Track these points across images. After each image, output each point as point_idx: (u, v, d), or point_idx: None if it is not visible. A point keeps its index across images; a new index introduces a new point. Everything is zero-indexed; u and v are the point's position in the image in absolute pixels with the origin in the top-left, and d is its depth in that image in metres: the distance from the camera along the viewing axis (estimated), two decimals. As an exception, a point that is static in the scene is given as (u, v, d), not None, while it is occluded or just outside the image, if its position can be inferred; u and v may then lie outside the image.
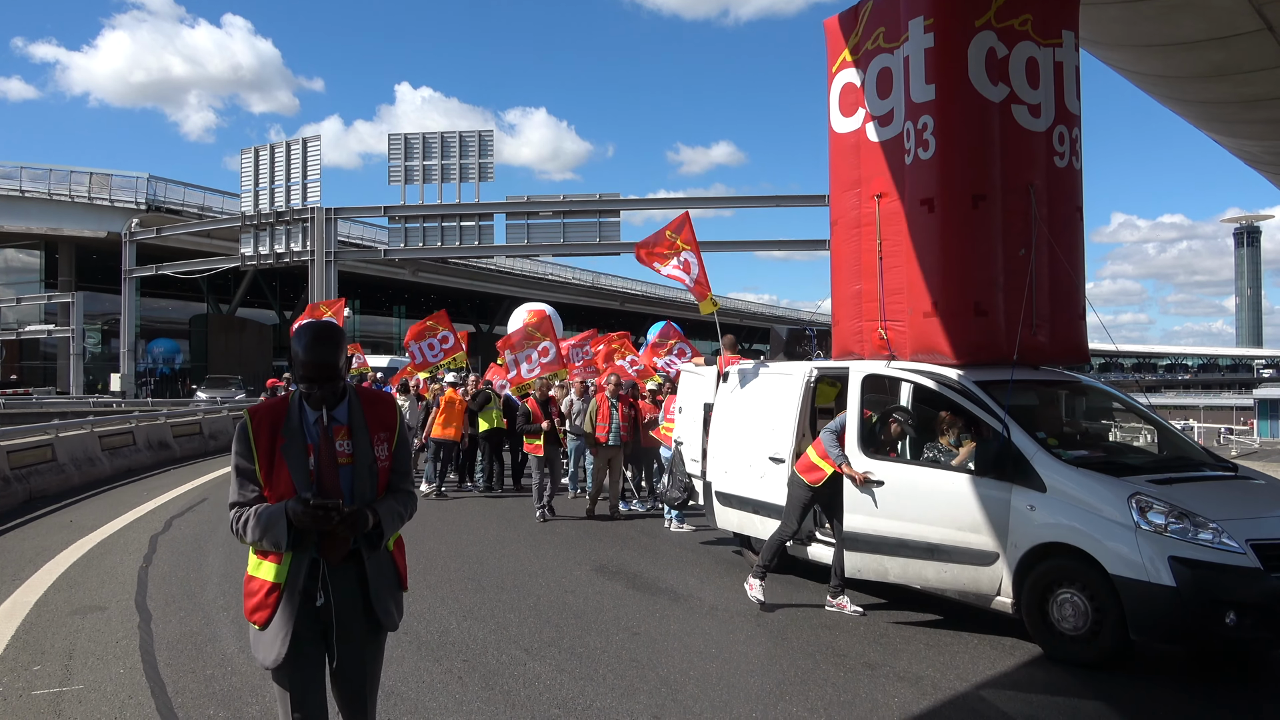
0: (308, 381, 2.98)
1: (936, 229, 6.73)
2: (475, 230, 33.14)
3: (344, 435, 3.04)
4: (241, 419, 3.03)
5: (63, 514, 11.71)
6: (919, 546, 6.32)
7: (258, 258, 35.67)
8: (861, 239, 7.50)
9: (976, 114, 6.65)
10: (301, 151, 34.19)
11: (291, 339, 3.01)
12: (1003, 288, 6.65)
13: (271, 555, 2.97)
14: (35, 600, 7.16)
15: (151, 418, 19.46)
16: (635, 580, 7.98)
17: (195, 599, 7.20)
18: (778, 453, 7.62)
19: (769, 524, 7.51)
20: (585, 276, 62.50)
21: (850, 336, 7.66)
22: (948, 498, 6.25)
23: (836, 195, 7.92)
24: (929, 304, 6.75)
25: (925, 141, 6.73)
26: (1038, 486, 5.84)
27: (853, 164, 7.64)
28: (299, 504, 2.83)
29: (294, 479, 2.93)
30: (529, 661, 5.67)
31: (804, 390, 7.68)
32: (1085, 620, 5.55)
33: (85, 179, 41.50)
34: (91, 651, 5.83)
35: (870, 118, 7.44)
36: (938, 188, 6.71)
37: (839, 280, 7.85)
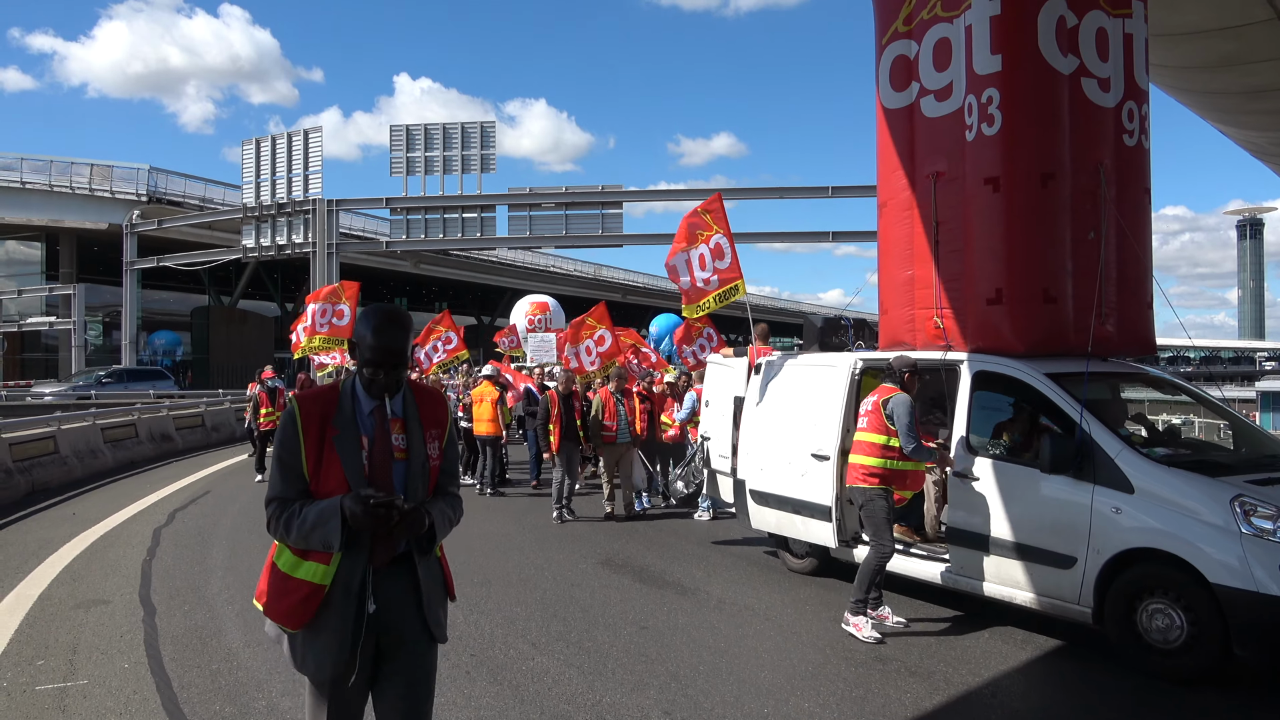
0: (375, 367, 2.74)
1: (1002, 210, 6.35)
2: (477, 222, 33.00)
3: (399, 429, 2.83)
4: (288, 407, 2.79)
5: (65, 506, 11.67)
6: (1006, 546, 5.96)
7: (259, 249, 35.56)
8: (914, 222, 7.05)
9: (1046, 86, 6.27)
10: (303, 143, 34.03)
11: (357, 321, 2.83)
12: (1072, 273, 6.30)
13: (315, 554, 2.71)
14: (39, 594, 7.11)
15: (154, 410, 19.43)
16: (642, 574, 7.93)
17: (199, 592, 7.15)
18: (821, 449, 7.18)
19: (811, 525, 7.25)
20: (587, 269, 62.33)
21: (901, 326, 7.23)
22: (1028, 497, 5.92)
23: (885, 175, 7.44)
24: (993, 290, 6.36)
25: (990, 116, 6.34)
26: (1123, 487, 5.43)
27: (905, 141, 7.19)
28: (357, 501, 2.59)
29: (346, 473, 2.70)
30: (537, 656, 5.62)
31: (849, 383, 7.17)
32: (1179, 633, 5.14)
33: (86, 170, 41.34)
34: (96, 646, 5.79)
35: (925, 91, 6.98)
36: (1004, 165, 6.33)
37: (888, 266, 7.40)
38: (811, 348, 8.11)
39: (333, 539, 2.62)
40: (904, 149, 7.19)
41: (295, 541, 2.70)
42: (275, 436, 2.81)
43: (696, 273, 9.17)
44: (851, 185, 32.48)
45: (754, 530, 8.19)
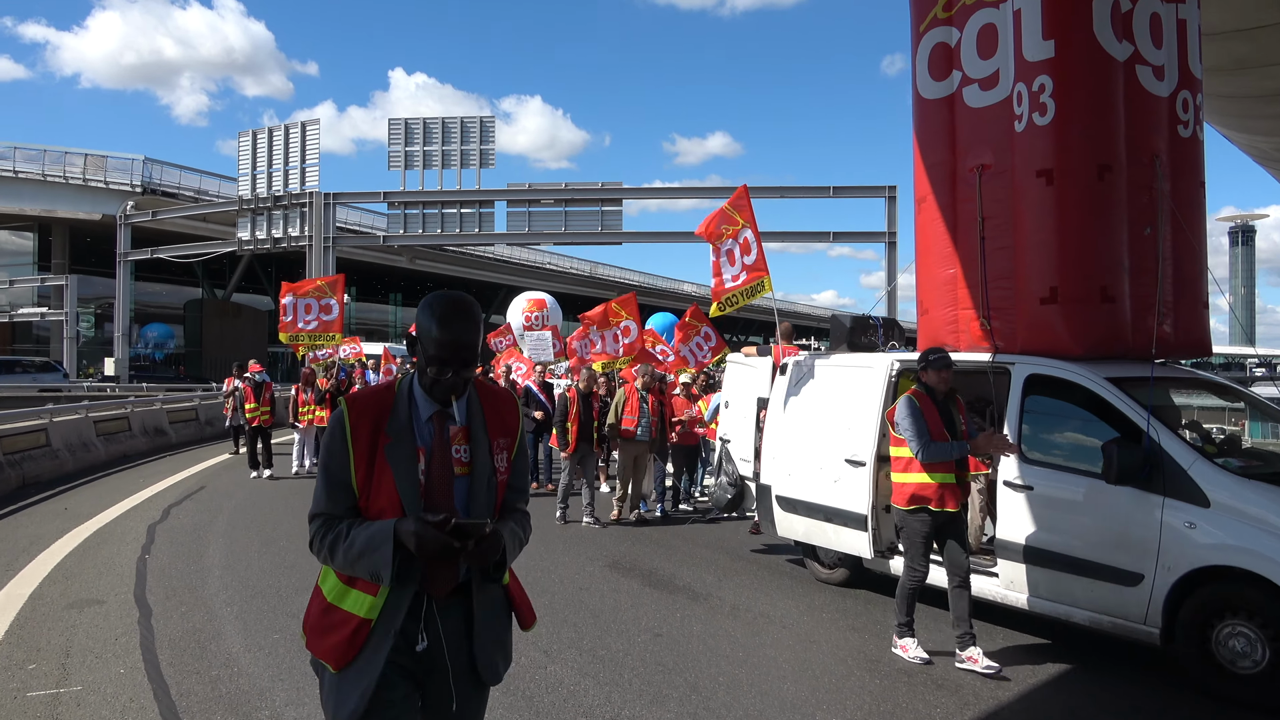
0: (442, 365, 2.36)
1: (1056, 204, 6.01)
2: (476, 218, 32.74)
3: (462, 439, 2.46)
4: (338, 410, 2.42)
5: (57, 501, 11.41)
6: (1062, 560, 5.58)
7: (255, 242, 35.24)
8: (957, 217, 6.72)
9: (1102, 74, 5.96)
10: (300, 135, 33.73)
11: (420, 310, 2.42)
12: (1129, 271, 6.00)
13: (362, 583, 2.35)
14: (30, 593, 6.87)
15: (147, 403, 19.15)
16: (651, 578, 7.73)
17: (196, 593, 6.92)
18: (855, 455, 6.82)
19: (844, 534, 6.92)
20: (583, 266, 62.12)
21: (943, 327, 6.86)
22: (1089, 508, 5.56)
23: (923, 169, 7.08)
24: (1046, 289, 6.03)
25: (1042, 105, 6.01)
26: (1197, 500, 5.07)
27: (945, 133, 6.83)
28: (419, 525, 2.23)
29: (399, 490, 2.35)
30: (549, 665, 5.42)
31: (886, 385, 6.80)
32: (1262, 658, 4.81)
33: (80, 160, 40.96)
34: (90, 649, 5.55)
35: (969, 80, 6.64)
36: (1058, 157, 5.99)
37: (927, 264, 7.05)
38: (839, 348, 7.78)
39: (382, 570, 2.26)
40: (944, 141, 6.86)
41: (340, 567, 2.36)
42: (323, 443, 2.48)
43: (725, 269, 8.89)
44: (853, 185, 32.37)
45: (758, 533, 8.01)
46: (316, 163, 33.76)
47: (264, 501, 11.42)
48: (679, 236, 37.82)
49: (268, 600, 6.70)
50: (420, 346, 2.39)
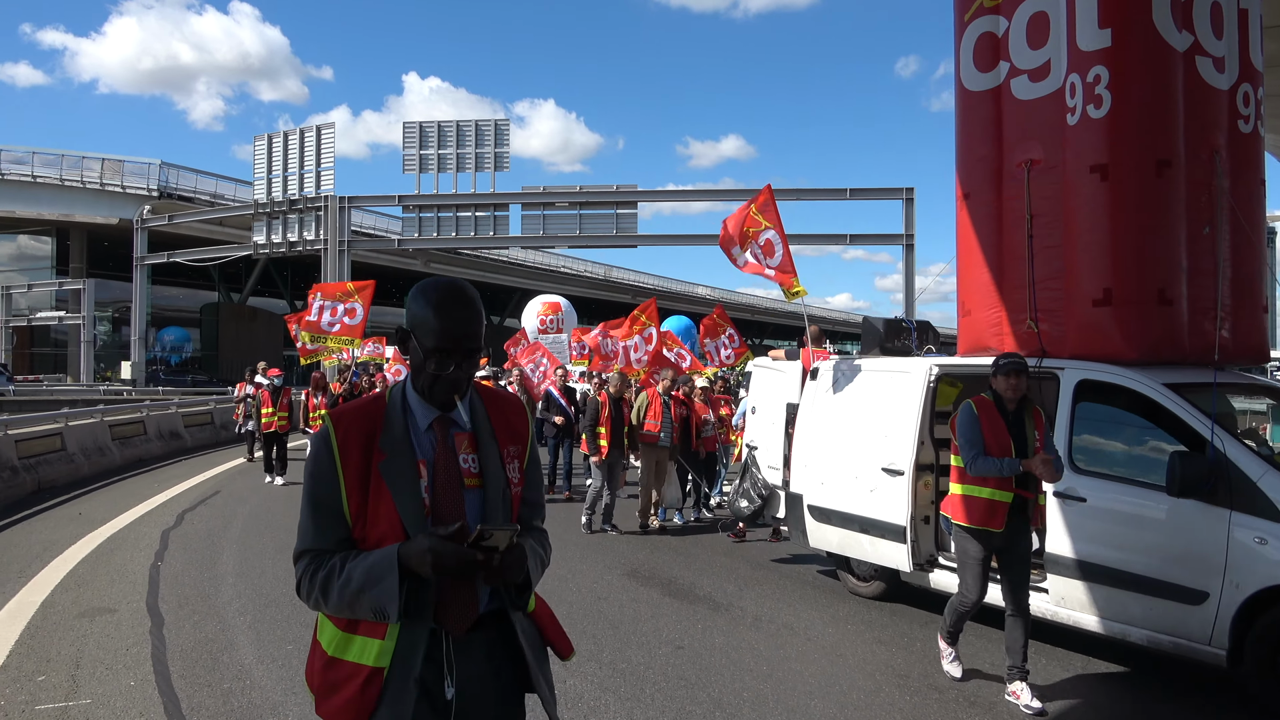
0: (444, 356, 2.02)
1: (1111, 201, 5.71)
2: (490, 221, 32.70)
3: (469, 446, 2.13)
4: (322, 427, 2.10)
5: (72, 506, 11.37)
6: (1124, 577, 5.24)
7: (270, 246, 35.34)
8: (1003, 215, 6.41)
9: (1160, 64, 5.68)
10: (315, 139, 33.80)
11: (410, 300, 2.09)
12: (1187, 272, 5.72)
13: (365, 625, 1.99)
14: (41, 600, 6.79)
15: (162, 407, 19.15)
16: (670, 587, 7.57)
17: (209, 601, 6.82)
18: (894, 463, 6.53)
19: (881, 546, 6.63)
20: (597, 269, 62.06)
21: (986, 329, 6.55)
22: (1148, 522, 5.25)
23: (967, 164, 6.76)
24: (1100, 290, 5.73)
25: (1097, 97, 5.69)
26: (1269, 514, 4.76)
27: (990, 126, 6.53)
28: (432, 540, 1.88)
29: (401, 511, 1.99)
30: (569, 678, 5.26)
31: (925, 391, 6.53)
32: None
33: (97, 165, 41.26)
34: (100, 660, 5.45)
35: (1017, 71, 6.33)
36: (1114, 152, 5.70)
37: (969, 264, 6.76)
38: (871, 352, 7.50)
39: (387, 604, 1.90)
40: (989, 135, 6.55)
41: (337, 609, 1.99)
42: (306, 466, 2.13)
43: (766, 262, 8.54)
44: (870, 188, 32.13)
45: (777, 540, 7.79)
46: (332, 166, 33.83)
47: (278, 507, 11.33)
48: (695, 239, 37.67)
49: (281, 610, 6.58)
50: (415, 340, 2.06)
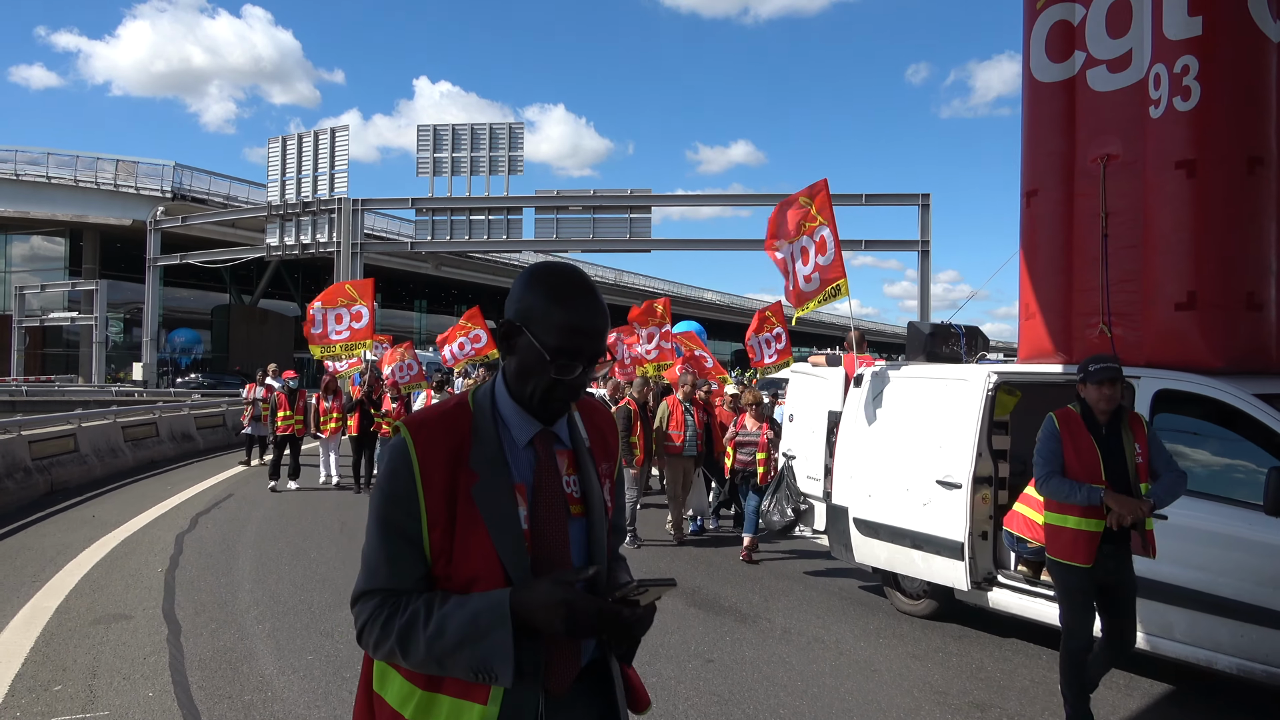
0: (570, 359, 1.65)
1: (1198, 199, 5.39)
2: (504, 224, 32.63)
3: (570, 467, 1.78)
4: (398, 437, 1.66)
5: (85, 508, 11.26)
6: (1211, 601, 4.88)
7: (283, 248, 35.33)
8: (1074, 213, 6.06)
9: (1255, 55, 5.36)
10: (329, 142, 33.80)
11: (523, 288, 1.70)
12: (1277, 275, 5.43)
13: (453, 684, 1.60)
14: (56, 606, 6.66)
15: (175, 408, 19.08)
16: (694, 597, 7.40)
17: (227, 608, 6.67)
18: (950, 476, 6.19)
19: (935, 562, 6.29)
20: (608, 274, 61.98)
21: (1053, 334, 6.20)
22: (1239, 542, 4.89)
23: (1034, 159, 6.42)
24: (1183, 294, 5.41)
25: (1185, 89, 5.37)
26: None
27: (1062, 119, 6.18)
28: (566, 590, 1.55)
29: (498, 546, 1.61)
30: (598, 693, 5.10)
31: (983, 399, 6.17)
32: None
33: (111, 166, 41.38)
34: (117, 669, 5.31)
35: (1094, 61, 5.97)
36: (1202, 147, 5.37)
37: (1036, 264, 6.41)
38: (916, 358, 7.14)
39: (498, 664, 1.54)
40: (1061, 128, 6.20)
41: (421, 665, 1.59)
42: (377, 484, 1.70)
43: (799, 268, 8.18)
44: (886, 193, 31.91)
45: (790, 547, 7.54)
46: (345, 169, 33.81)
47: (292, 511, 11.21)
48: (709, 244, 37.52)
49: (300, 617, 6.44)
50: (529, 336, 1.66)
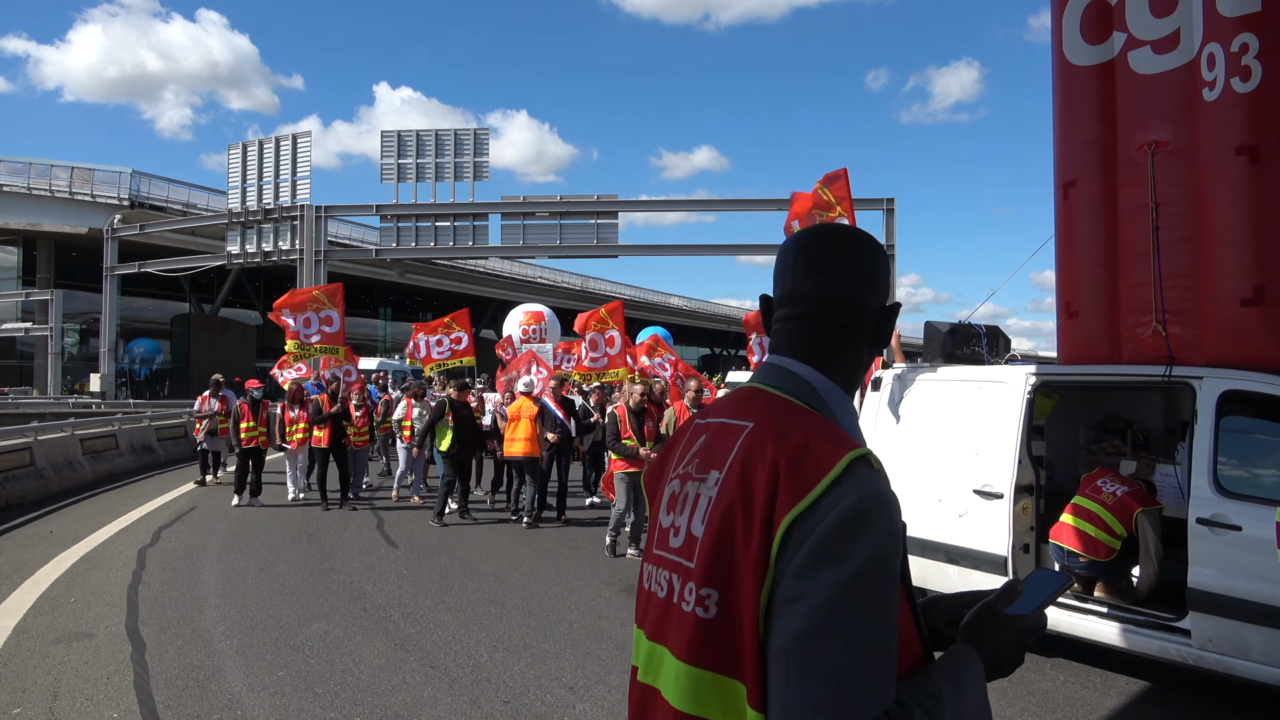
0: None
1: (1262, 186, 5.06)
2: (470, 230, 32.34)
3: None
4: (878, 491, 1.17)
5: (42, 523, 10.94)
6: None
7: (245, 256, 34.73)
8: (1117, 205, 5.69)
9: None
10: (291, 148, 33.28)
11: (878, 255, 1.40)
12: None
13: None
14: (14, 625, 6.44)
15: (135, 420, 18.65)
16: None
17: (192, 624, 6.50)
18: (990, 485, 5.84)
19: (972, 576, 5.88)
20: (574, 280, 61.82)
21: (1096, 334, 5.83)
22: None
23: (1069, 149, 6.04)
24: (1248, 288, 5.06)
25: (1244, 69, 5.02)
26: None
27: (1101, 105, 5.81)
28: (1011, 623, 1.32)
29: (912, 601, 1.26)
30: (578, 703, 5.03)
31: (1024, 404, 5.84)
32: None
33: (66, 174, 40.39)
34: (80, 690, 5.14)
35: (1137, 43, 5.61)
36: (1266, 130, 5.03)
37: (1074, 261, 6.05)
38: (934, 360, 6.69)
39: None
40: (1098, 115, 5.84)
41: None
42: (873, 568, 1.10)
43: None
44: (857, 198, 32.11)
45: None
46: (308, 175, 33.29)
47: (258, 522, 10.98)
48: (675, 249, 37.57)
49: (269, 632, 6.29)
50: (886, 320, 1.39)
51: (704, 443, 1.35)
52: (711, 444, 1.32)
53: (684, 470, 1.35)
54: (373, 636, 6.23)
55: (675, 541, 1.30)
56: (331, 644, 6.04)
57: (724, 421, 1.34)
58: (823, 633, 1.07)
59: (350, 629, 6.41)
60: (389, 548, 9.50)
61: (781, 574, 1.13)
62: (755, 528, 1.16)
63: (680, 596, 1.25)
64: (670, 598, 1.28)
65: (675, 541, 1.30)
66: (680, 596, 1.25)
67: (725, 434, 1.31)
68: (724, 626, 1.18)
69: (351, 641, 6.11)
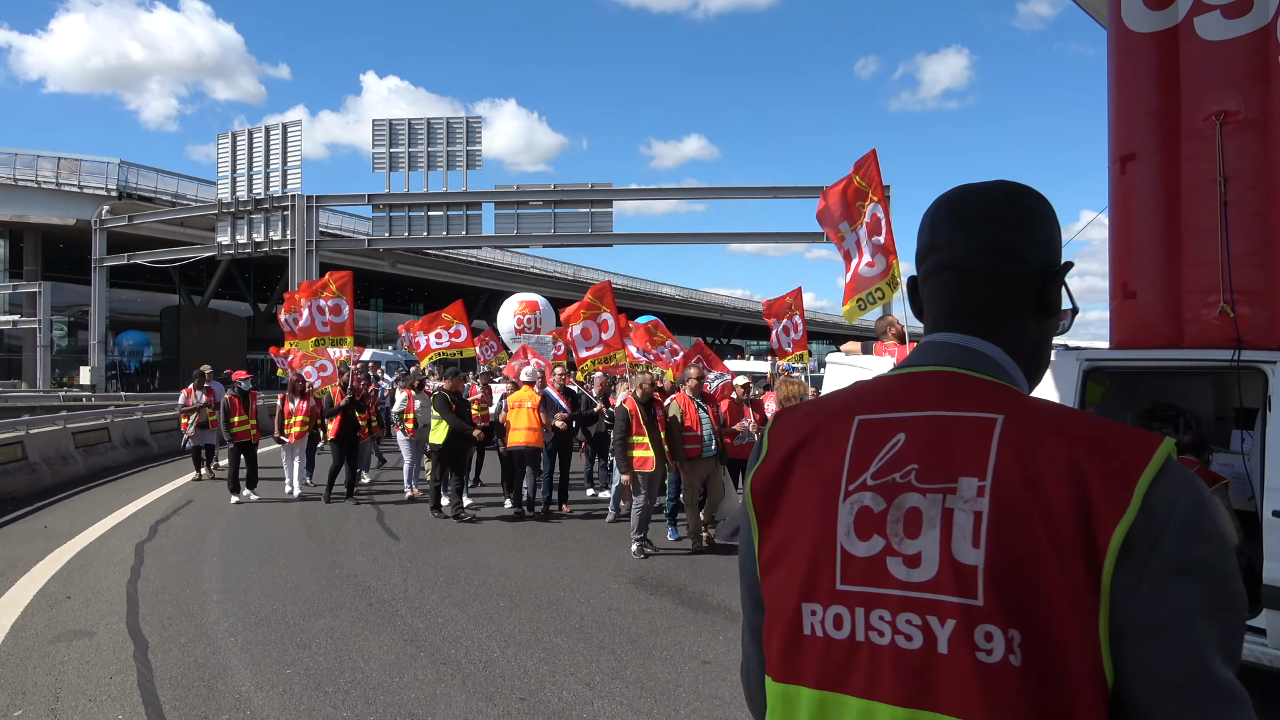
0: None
1: None
2: (463, 220, 32.10)
3: None
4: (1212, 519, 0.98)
5: (36, 519, 10.75)
6: None
7: (235, 247, 34.42)
8: (1181, 179, 5.38)
9: None
10: (281, 137, 32.96)
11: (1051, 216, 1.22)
12: None
13: None
14: (11, 624, 6.28)
15: (127, 412, 18.43)
16: (682, 595, 7.24)
17: (195, 620, 6.35)
18: None
19: None
20: (566, 269, 61.54)
21: (1157, 314, 5.54)
22: None
23: (1127, 121, 5.72)
24: None
25: None
26: None
27: (1161, 74, 5.51)
28: None
29: None
30: (595, 699, 4.92)
31: (1077, 390, 5.56)
32: None
33: (53, 164, 39.91)
34: (82, 690, 4.99)
35: (1204, 7, 5.31)
36: None
37: (1131, 238, 5.75)
38: None
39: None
40: (1159, 84, 5.53)
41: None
42: (1225, 570, 0.95)
43: (856, 256, 7.41)
44: (845, 186, 32.00)
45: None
46: (299, 165, 32.99)
47: (256, 516, 10.82)
48: (670, 238, 37.44)
49: (274, 628, 6.15)
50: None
51: (909, 443, 1.07)
52: (933, 444, 1.06)
53: (884, 480, 1.07)
54: (380, 632, 6.10)
55: (913, 573, 1.01)
56: (339, 640, 5.91)
57: (937, 415, 1.08)
58: (1215, 652, 0.93)
59: (357, 625, 6.28)
60: (391, 541, 9.36)
61: (1123, 598, 0.93)
62: (1069, 545, 0.95)
63: (956, 643, 0.97)
64: (931, 647, 0.99)
65: (913, 573, 1.01)
66: (956, 643, 0.97)
67: (953, 431, 1.06)
68: (1043, 674, 0.94)
69: (359, 638, 5.97)
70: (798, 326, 11.89)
